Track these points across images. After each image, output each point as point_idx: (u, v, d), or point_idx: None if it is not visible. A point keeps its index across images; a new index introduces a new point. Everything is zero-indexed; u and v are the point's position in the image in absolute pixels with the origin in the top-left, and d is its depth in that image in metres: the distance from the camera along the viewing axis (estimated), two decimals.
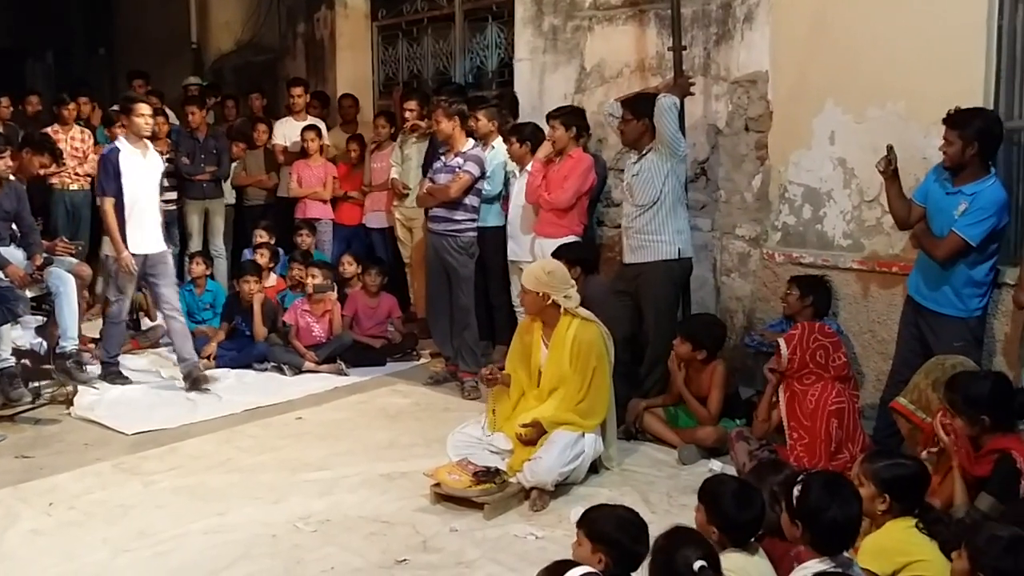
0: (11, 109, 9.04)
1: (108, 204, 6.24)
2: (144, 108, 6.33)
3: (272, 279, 7.65)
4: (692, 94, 5.91)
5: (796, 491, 2.94)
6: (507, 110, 7.04)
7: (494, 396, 5.08)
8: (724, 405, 5.24)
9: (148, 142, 6.44)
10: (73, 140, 8.52)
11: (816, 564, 2.87)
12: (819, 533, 2.90)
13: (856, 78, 5.42)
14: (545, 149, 6.30)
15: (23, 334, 6.71)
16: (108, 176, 6.21)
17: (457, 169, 6.23)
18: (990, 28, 4.94)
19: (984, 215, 4.48)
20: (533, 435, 4.66)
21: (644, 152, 5.55)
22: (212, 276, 8.56)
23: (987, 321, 4.81)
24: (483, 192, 6.53)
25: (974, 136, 4.48)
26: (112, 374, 6.52)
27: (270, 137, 8.86)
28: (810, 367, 4.52)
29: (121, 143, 6.30)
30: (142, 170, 6.33)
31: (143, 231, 6.35)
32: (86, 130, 8.77)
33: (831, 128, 5.59)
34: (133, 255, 6.25)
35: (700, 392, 5.30)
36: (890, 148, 4.75)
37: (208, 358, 6.91)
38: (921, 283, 4.76)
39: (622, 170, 6.23)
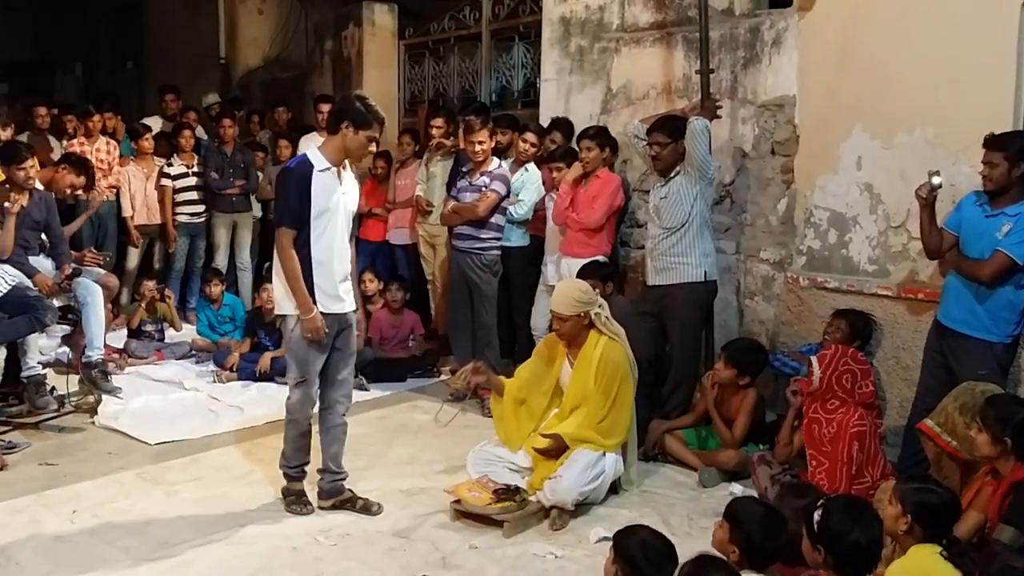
0: (48, 119, 9.12)
1: (286, 238, 4.35)
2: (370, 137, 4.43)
3: None
4: (719, 117, 5.92)
5: (817, 516, 2.94)
6: (561, 133, 6.99)
7: (494, 404, 5.12)
8: (749, 431, 5.22)
9: (347, 162, 4.55)
10: (99, 152, 8.60)
11: None
12: (841, 557, 2.90)
13: (884, 104, 5.42)
14: (575, 171, 6.31)
15: (50, 343, 6.81)
16: (289, 195, 4.34)
17: (484, 188, 6.25)
18: (1019, 54, 4.92)
19: None
20: (552, 448, 4.67)
21: (672, 175, 5.55)
22: (237, 291, 8.66)
23: (1015, 350, 4.77)
24: (514, 215, 6.57)
25: (1020, 156, 4.48)
26: (296, 503, 4.59)
27: (294, 152, 8.93)
28: (835, 391, 4.50)
29: (314, 156, 4.41)
30: (340, 198, 4.46)
31: (336, 282, 4.50)
32: (112, 141, 8.86)
33: (858, 153, 5.58)
34: (323, 314, 4.42)
35: (729, 415, 5.29)
36: (936, 174, 4.68)
37: (231, 369, 6.95)
38: (952, 307, 4.72)
39: (647, 191, 6.24)
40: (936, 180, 4.68)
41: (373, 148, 4.58)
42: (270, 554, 4.13)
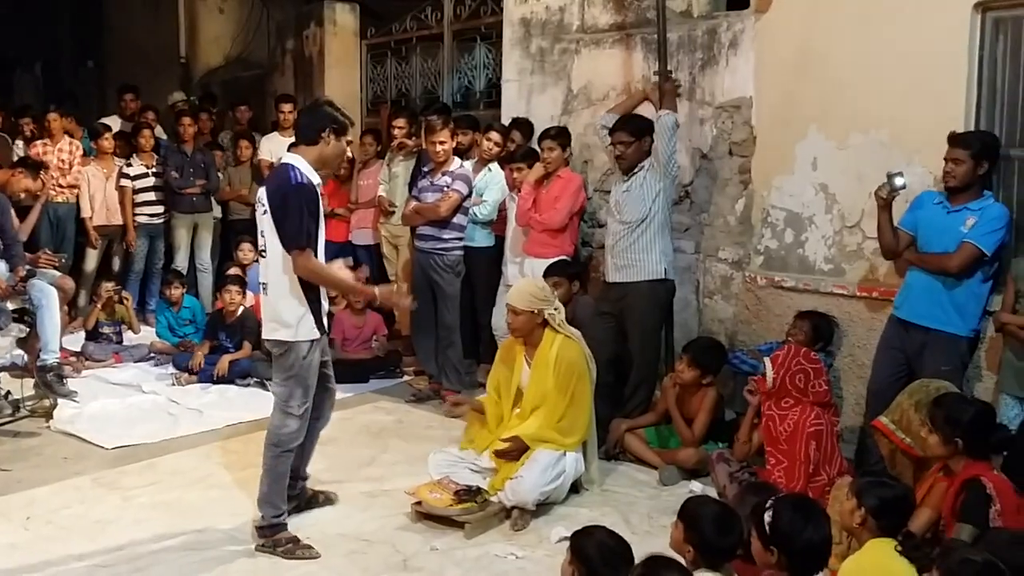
0: None
1: (311, 260, 4.10)
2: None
3: (251, 297, 7.52)
4: (680, 95, 5.99)
5: (768, 517, 2.97)
6: (521, 133, 7.03)
7: (469, 421, 5.15)
8: (709, 429, 5.26)
9: None
10: (61, 152, 8.49)
11: None
12: (794, 556, 2.93)
13: (839, 105, 5.47)
14: (537, 171, 6.32)
15: (3, 346, 6.70)
16: (304, 214, 4.02)
17: (445, 188, 6.25)
18: (971, 58, 4.99)
19: (995, 226, 4.57)
20: (512, 449, 4.68)
21: (636, 170, 5.58)
22: (197, 293, 8.58)
23: (976, 345, 4.84)
24: (478, 215, 6.58)
25: (984, 155, 4.57)
26: (300, 548, 4.19)
27: (255, 152, 8.88)
28: (788, 389, 4.55)
29: (308, 170, 4.13)
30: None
31: (326, 300, 4.41)
32: (74, 141, 8.74)
33: (814, 154, 5.64)
34: (313, 341, 4.22)
35: (689, 413, 5.33)
36: (899, 174, 4.74)
37: (194, 371, 6.89)
38: (917, 303, 4.77)
39: (607, 191, 6.27)
40: (899, 181, 4.75)
41: (349, 153, 4.36)
42: (228, 559, 4.10)
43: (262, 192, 4.26)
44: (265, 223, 4.17)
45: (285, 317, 4.16)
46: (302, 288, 4.13)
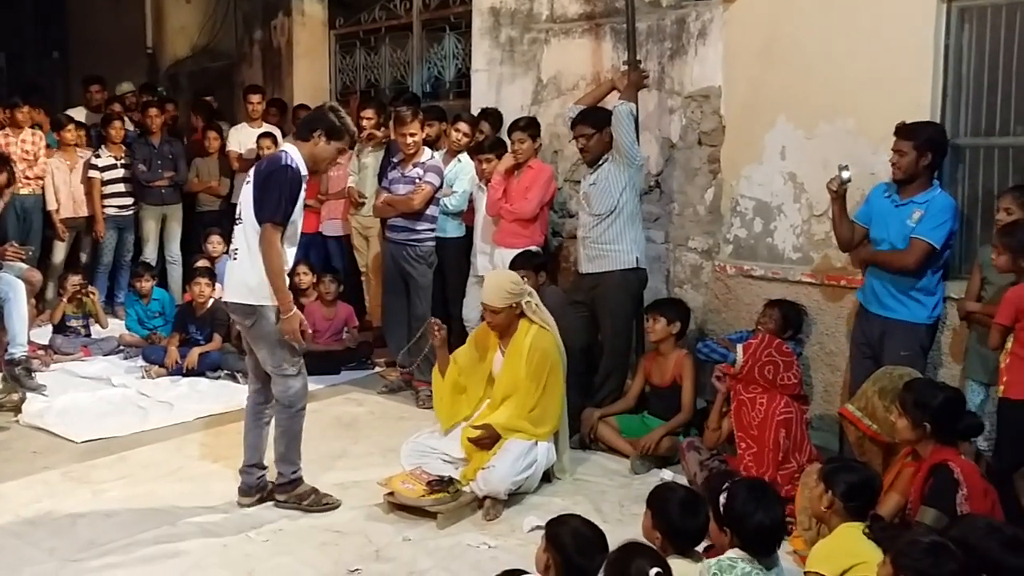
0: None
1: (276, 234, 4.26)
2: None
3: (220, 289, 7.50)
4: (647, 86, 6.01)
5: (722, 499, 3.03)
6: (489, 124, 7.03)
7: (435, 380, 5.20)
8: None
9: None
10: (24, 143, 8.39)
11: (733, 552, 2.99)
12: (746, 537, 3.00)
13: (807, 94, 5.51)
14: (507, 161, 6.33)
15: None
16: (283, 193, 4.25)
17: (417, 180, 6.24)
18: (937, 47, 5.06)
19: (943, 219, 4.61)
20: (485, 437, 4.70)
21: (601, 162, 5.60)
22: (167, 285, 8.52)
23: (936, 332, 4.90)
24: (449, 206, 6.59)
25: (927, 146, 4.61)
26: (323, 498, 4.58)
27: (223, 143, 8.81)
28: (756, 379, 4.59)
29: (299, 160, 4.38)
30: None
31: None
32: (38, 132, 8.62)
33: (782, 143, 5.68)
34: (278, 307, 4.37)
35: (663, 382, 5.38)
36: (845, 168, 4.79)
37: (170, 367, 6.85)
38: (873, 294, 4.84)
39: (577, 181, 6.29)
40: (845, 174, 4.80)
41: (342, 160, 4.67)
42: (200, 552, 4.08)
43: (253, 168, 4.51)
44: (246, 193, 4.40)
45: (250, 281, 4.37)
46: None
